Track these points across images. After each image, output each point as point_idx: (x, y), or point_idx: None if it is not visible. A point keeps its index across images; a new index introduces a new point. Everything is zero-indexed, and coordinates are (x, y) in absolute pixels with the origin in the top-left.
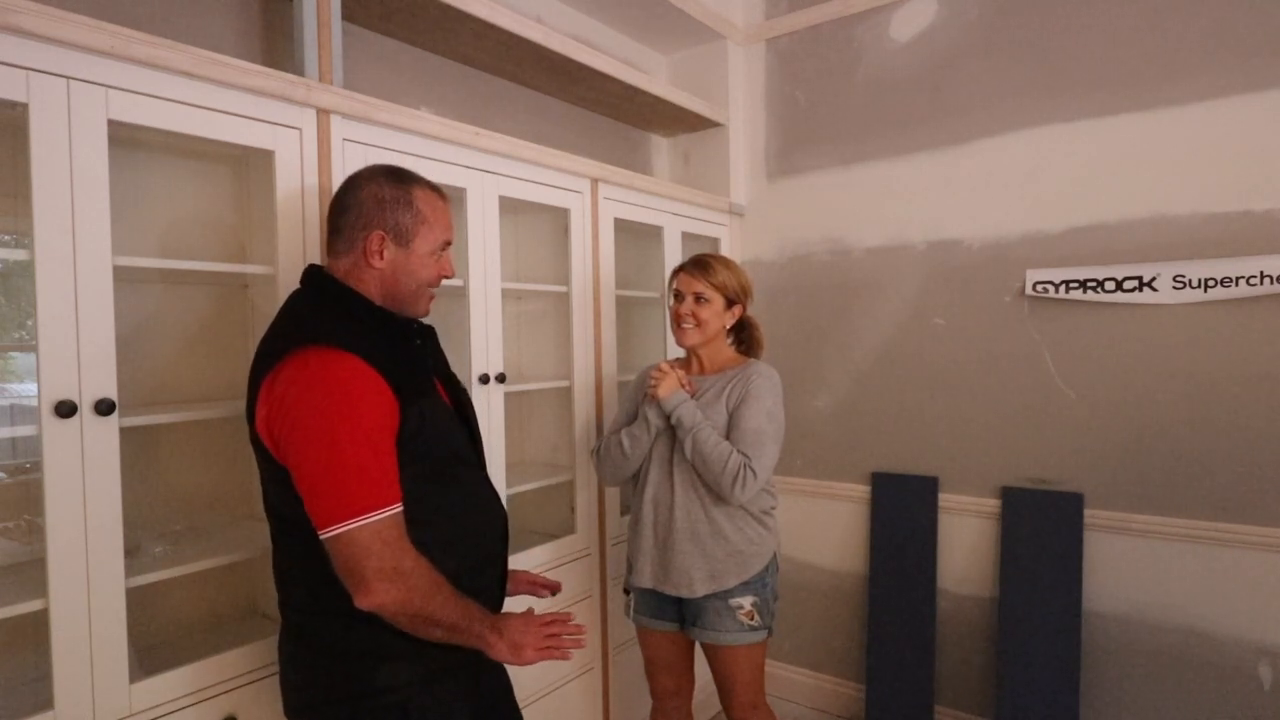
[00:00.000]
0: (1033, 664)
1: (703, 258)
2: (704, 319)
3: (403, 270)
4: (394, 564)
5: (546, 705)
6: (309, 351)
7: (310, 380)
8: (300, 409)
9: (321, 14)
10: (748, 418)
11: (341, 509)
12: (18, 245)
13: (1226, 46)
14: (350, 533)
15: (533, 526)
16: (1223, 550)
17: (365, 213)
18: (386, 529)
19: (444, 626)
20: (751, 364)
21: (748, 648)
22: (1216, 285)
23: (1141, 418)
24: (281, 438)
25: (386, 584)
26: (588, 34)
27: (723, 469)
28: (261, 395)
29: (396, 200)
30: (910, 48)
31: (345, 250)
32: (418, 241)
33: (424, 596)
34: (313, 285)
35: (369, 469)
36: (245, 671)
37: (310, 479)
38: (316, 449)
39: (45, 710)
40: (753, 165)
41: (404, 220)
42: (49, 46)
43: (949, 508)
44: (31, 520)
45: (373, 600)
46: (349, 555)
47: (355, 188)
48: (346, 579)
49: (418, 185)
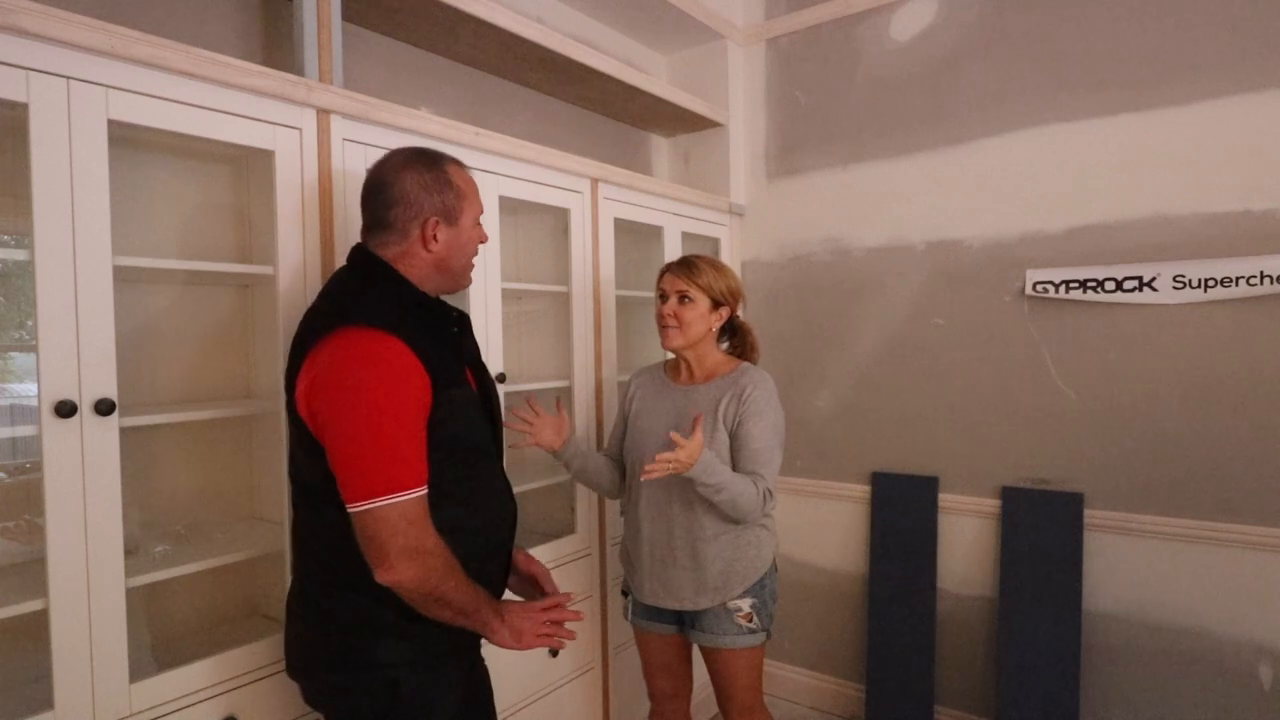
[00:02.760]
0: (1033, 664)
1: (688, 258)
2: (687, 320)
3: (455, 248)
4: (416, 543)
5: (546, 705)
6: (354, 330)
7: (352, 358)
8: (341, 386)
9: (321, 14)
10: (755, 437)
11: (373, 485)
12: (18, 245)
13: (1226, 46)
14: (379, 509)
15: (533, 526)
16: (1223, 550)
17: (414, 201)
18: (413, 508)
19: (453, 608)
20: (744, 369)
21: (746, 650)
22: (1216, 285)
23: (1141, 418)
24: (319, 411)
25: (407, 562)
26: (588, 34)
27: (752, 508)
28: (304, 369)
29: (437, 182)
30: (910, 48)
31: (397, 240)
32: (463, 218)
33: (440, 577)
34: (362, 267)
35: (402, 449)
36: (245, 671)
37: (345, 454)
38: (354, 425)
39: (45, 710)
40: (753, 165)
41: (449, 200)
42: (49, 46)
43: (949, 508)
44: (31, 520)
45: (392, 576)
46: (375, 531)
47: (395, 178)
48: (369, 553)
49: (449, 163)
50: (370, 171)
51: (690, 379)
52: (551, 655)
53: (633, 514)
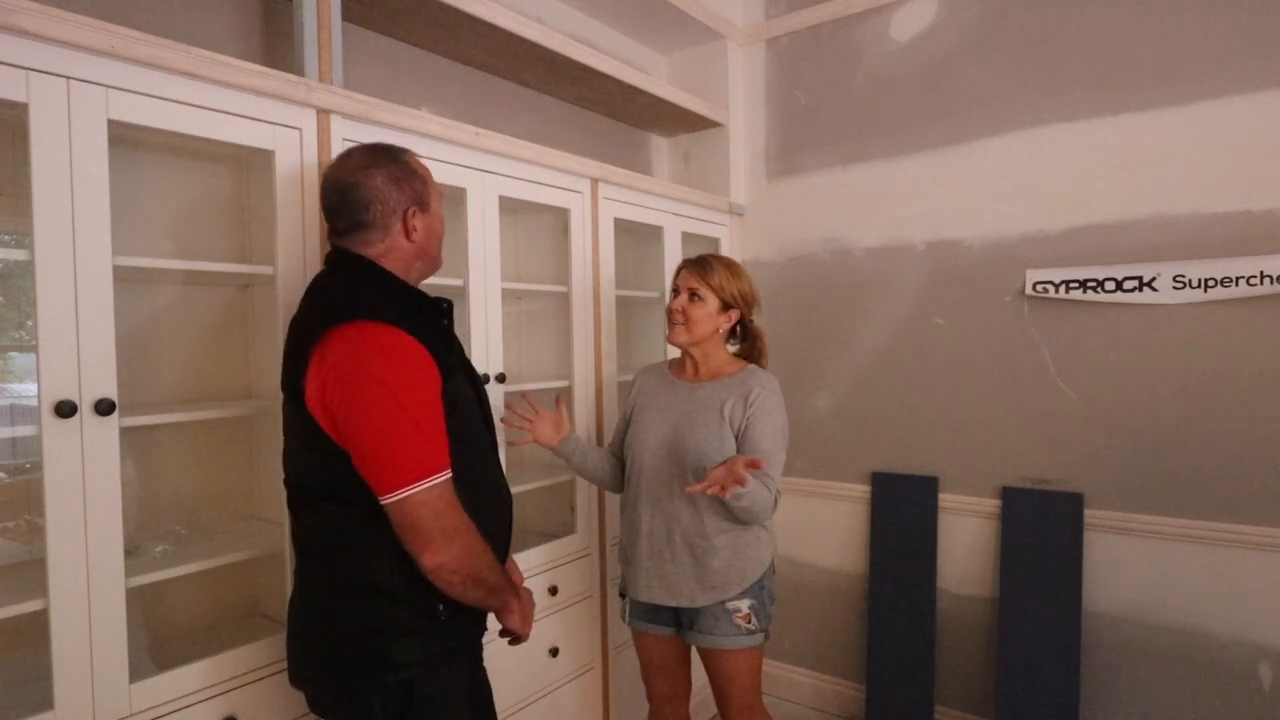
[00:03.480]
0: (1033, 664)
1: (705, 257)
2: (695, 318)
3: (431, 232)
4: (454, 524)
5: (546, 705)
6: (357, 324)
7: (365, 351)
8: (359, 379)
9: (321, 14)
10: (762, 437)
11: (406, 473)
12: (18, 245)
13: (1227, 46)
14: (417, 494)
15: (533, 526)
16: (1223, 550)
17: (389, 196)
18: (447, 491)
19: (486, 587)
20: (751, 371)
21: (745, 651)
22: (1216, 285)
23: (1141, 417)
24: (339, 407)
25: (450, 543)
26: (588, 34)
27: (765, 512)
28: (311, 369)
29: (405, 173)
30: (910, 48)
31: (380, 237)
32: (432, 202)
33: (477, 556)
34: (346, 268)
35: (430, 434)
36: (245, 671)
37: (374, 446)
38: (378, 416)
39: (45, 710)
40: (753, 165)
41: (418, 188)
42: (49, 46)
43: (949, 508)
44: (31, 520)
45: (438, 558)
46: (416, 517)
47: (364, 178)
48: (412, 540)
49: (405, 153)
50: (330, 177)
51: (696, 376)
52: (551, 655)
53: (632, 509)
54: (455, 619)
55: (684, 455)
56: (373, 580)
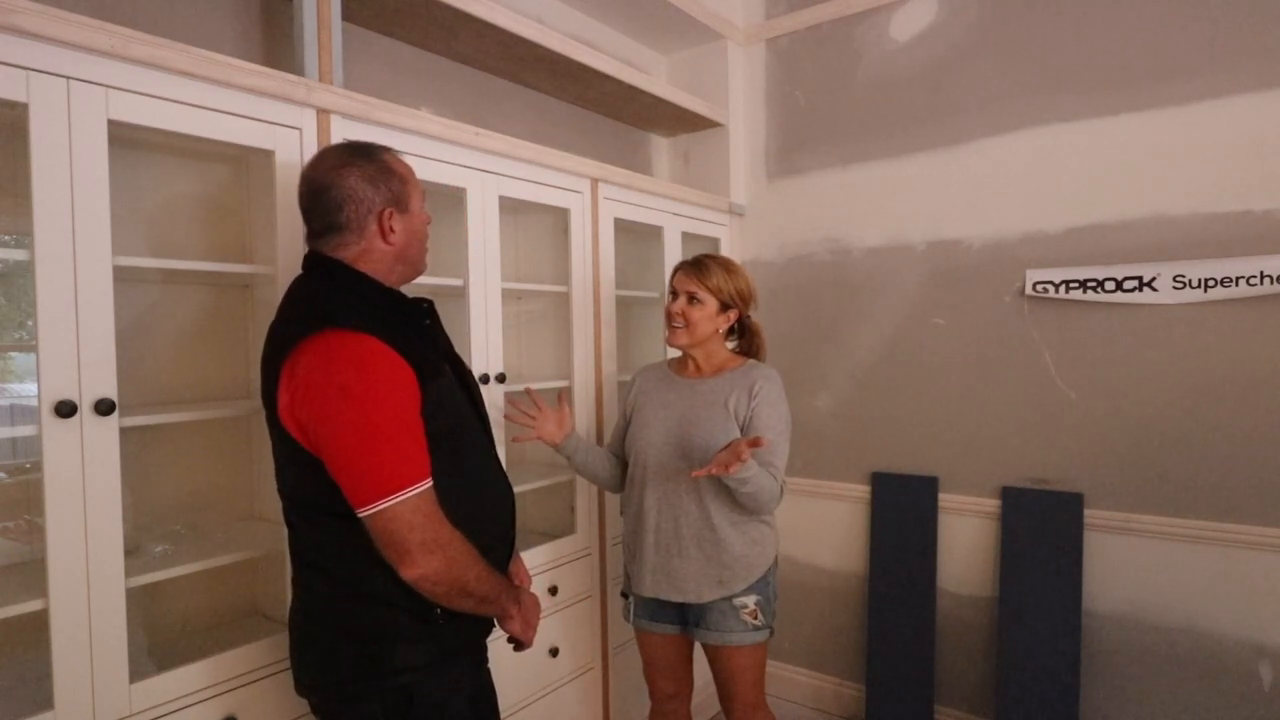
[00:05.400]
0: (1033, 664)
1: (702, 258)
2: (694, 320)
3: (411, 234)
4: (434, 535)
5: (546, 705)
6: (327, 334)
7: (334, 362)
8: (327, 392)
9: (321, 14)
10: (766, 428)
11: (379, 486)
12: (18, 245)
13: (1226, 46)
14: (391, 508)
15: (533, 526)
16: (1223, 550)
17: (364, 196)
18: (424, 502)
19: (476, 597)
20: (752, 365)
21: (751, 648)
22: (1216, 285)
23: (1141, 418)
24: (309, 421)
25: (429, 554)
26: (588, 34)
27: (771, 500)
28: (283, 382)
29: (381, 173)
30: (910, 48)
31: (354, 239)
32: (412, 203)
33: (462, 566)
34: (320, 271)
35: (401, 443)
36: (245, 671)
37: (345, 459)
38: (349, 429)
39: (45, 710)
40: (753, 165)
41: (395, 188)
42: (49, 46)
43: (949, 508)
44: (31, 520)
45: (417, 571)
46: (392, 530)
47: (337, 178)
48: (390, 553)
49: (384, 151)
50: (305, 177)
51: (698, 373)
52: (551, 655)
53: (637, 505)
54: (455, 621)
55: (690, 450)
56: (370, 588)
